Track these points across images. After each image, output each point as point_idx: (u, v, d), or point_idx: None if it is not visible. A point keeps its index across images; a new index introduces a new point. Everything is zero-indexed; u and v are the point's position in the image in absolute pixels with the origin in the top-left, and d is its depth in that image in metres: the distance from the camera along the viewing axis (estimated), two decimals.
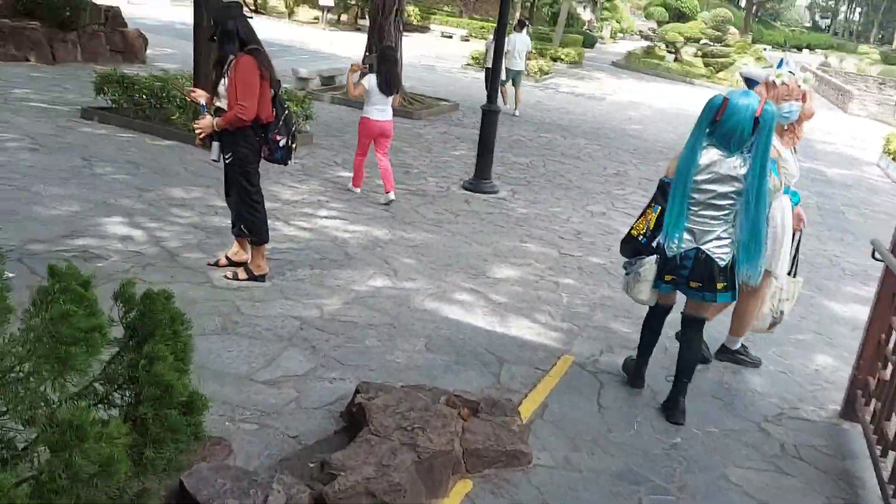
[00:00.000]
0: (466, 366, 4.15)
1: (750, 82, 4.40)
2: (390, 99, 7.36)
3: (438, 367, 4.08)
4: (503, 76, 13.72)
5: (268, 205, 5.09)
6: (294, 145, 4.69)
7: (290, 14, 29.80)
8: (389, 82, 7.21)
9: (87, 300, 1.80)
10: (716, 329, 4.86)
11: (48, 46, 12.79)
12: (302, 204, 6.91)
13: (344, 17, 30.71)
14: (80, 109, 9.01)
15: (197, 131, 4.57)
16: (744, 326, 4.74)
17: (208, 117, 4.52)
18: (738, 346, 4.86)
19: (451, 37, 32.32)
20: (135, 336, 1.97)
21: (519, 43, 14.48)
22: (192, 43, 9.04)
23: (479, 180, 8.67)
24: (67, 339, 1.60)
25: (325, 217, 6.61)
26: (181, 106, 8.54)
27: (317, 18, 29.57)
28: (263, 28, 23.57)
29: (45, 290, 1.88)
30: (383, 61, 7.28)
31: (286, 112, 4.61)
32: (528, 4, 33.29)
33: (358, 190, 7.62)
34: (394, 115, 7.66)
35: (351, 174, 7.79)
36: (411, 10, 32.54)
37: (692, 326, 3.90)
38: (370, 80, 7.17)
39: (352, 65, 7.65)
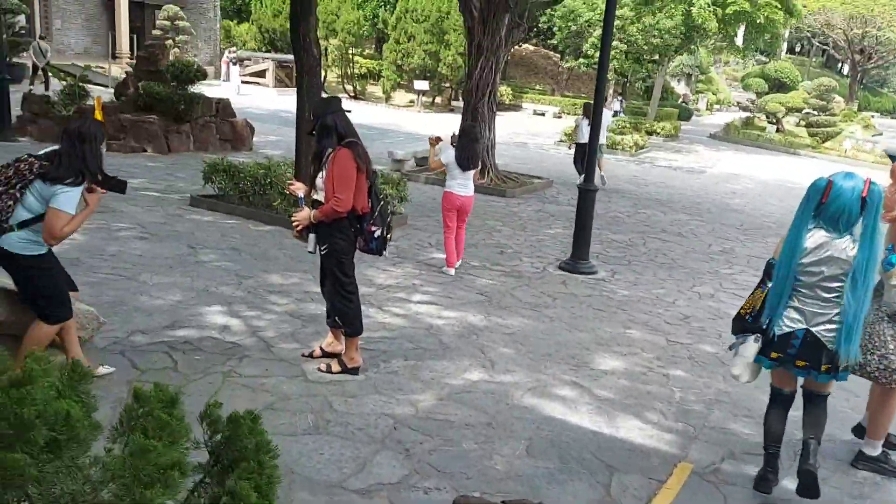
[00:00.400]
0: (572, 475, 3.81)
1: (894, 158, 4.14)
2: (470, 174, 7.50)
3: (541, 475, 3.77)
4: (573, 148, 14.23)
5: (362, 290, 5.01)
6: (389, 236, 4.64)
7: (387, 99, 30.94)
8: (469, 158, 7.37)
9: (169, 427, 1.67)
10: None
11: (164, 138, 13.63)
12: (396, 288, 6.83)
13: (438, 100, 31.60)
14: (189, 197, 9.42)
15: (294, 223, 4.58)
16: (882, 427, 4.21)
17: (306, 210, 4.53)
18: (878, 451, 4.30)
19: (543, 114, 32.62)
20: (218, 463, 1.82)
21: (604, 117, 14.60)
22: (294, 130, 9.38)
23: (577, 260, 8.39)
24: (144, 479, 1.47)
25: (420, 302, 6.48)
26: (282, 192, 8.78)
27: (412, 102, 30.57)
28: (362, 113, 24.57)
29: (128, 411, 1.77)
30: (463, 137, 7.52)
31: (381, 203, 4.59)
32: (621, 80, 33.31)
33: (452, 271, 7.62)
34: (487, 193, 7.61)
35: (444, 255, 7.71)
36: (503, 90, 33.17)
37: (813, 401, 3.79)
38: (449, 155, 7.39)
39: (430, 138, 7.87)
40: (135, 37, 26.46)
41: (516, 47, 35.69)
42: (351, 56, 30.60)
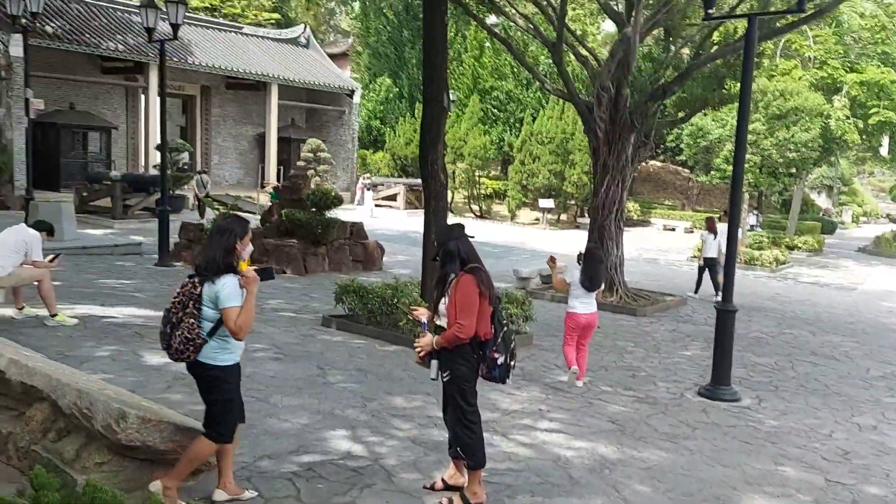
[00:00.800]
0: None
1: None
2: (594, 294, 7.67)
3: None
4: (722, 260, 13.85)
5: (485, 415, 4.84)
6: (513, 363, 4.49)
7: (513, 217, 31.45)
8: (592, 278, 7.55)
9: None
10: None
11: (302, 260, 14.37)
12: (521, 414, 6.58)
13: (563, 217, 31.75)
14: (321, 317, 9.74)
15: (417, 349, 4.55)
16: None
17: (428, 335, 4.50)
18: None
19: (673, 229, 31.93)
20: None
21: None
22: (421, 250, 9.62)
23: (718, 386, 7.81)
24: None
25: (547, 430, 6.18)
26: (406, 313, 8.90)
27: (537, 219, 30.87)
28: (487, 231, 25.02)
29: None
30: (588, 259, 7.68)
31: (504, 329, 4.49)
32: (756, 193, 32.22)
33: (580, 383, 7.69)
34: (617, 311, 7.46)
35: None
36: (631, 206, 32.92)
37: None
38: (574, 276, 7.61)
39: (548, 260, 7.99)
40: (281, 168, 28.70)
41: (643, 164, 35.65)
42: (477, 178, 31.62)
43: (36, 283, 7.95)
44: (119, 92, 25.56)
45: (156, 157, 24.87)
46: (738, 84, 8.95)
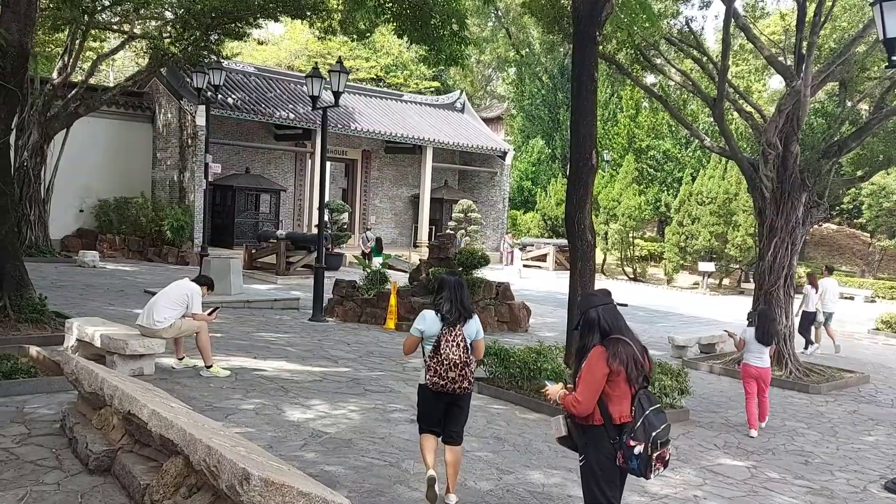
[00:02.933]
0: None
1: None
2: (767, 349, 8.57)
3: None
4: (820, 317, 15.16)
5: (632, 499, 4.34)
6: (656, 454, 3.88)
7: (669, 280, 30.02)
8: (766, 333, 8.45)
9: None
10: None
11: None
12: (674, 500, 5.95)
13: (726, 281, 29.87)
14: None
15: (545, 393, 4.44)
16: None
17: (558, 386, 4.29)
18: None
19: (851, 298, 29.03)
20: None
21: (832, 286, 15.88)
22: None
23: None
24: None
25: None
26: (550, 377, 8.49)
27: (696, 284, 29.25)
28: (642, 295, 23.97)
29: None
30: (761, 317, 8.69)
31: (646, 413, 3.94)
32: None
33: (755, 433, 8.43)
34: (786, 387, 7.22)
35: (738, 462, 6.67)
36: (801, 272, 30.46)
37: None
38: (749, 333, 8.60)
39: (726, 331, 9.40)
40: (433, 228, 29.37)
41: (816, 227, 32.98)
42: (631, 239, 30.60)
43: (195, 334, 8.39)
44: (289, 157, 27.45)
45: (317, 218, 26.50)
46: None
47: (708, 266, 28.15)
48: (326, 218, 25.41)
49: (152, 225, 22.09)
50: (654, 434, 3.87)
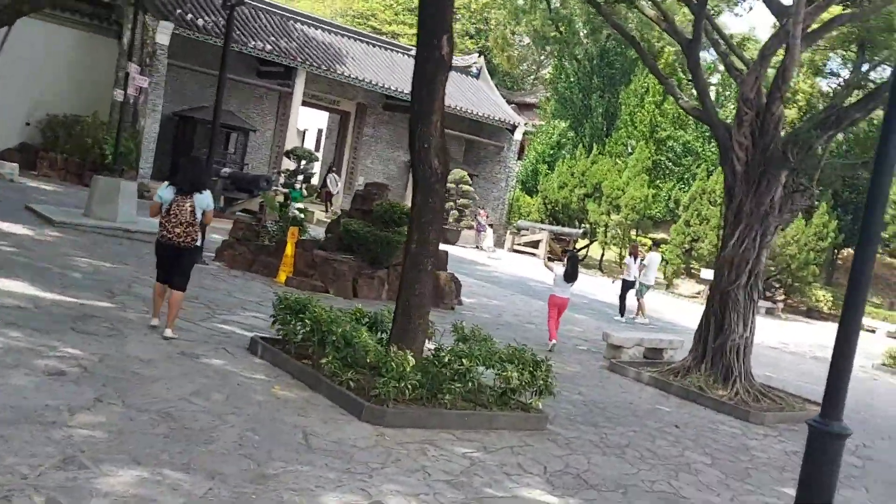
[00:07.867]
0: None
1: None
2: (569, 285, 10.76)
3: None
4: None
5: None
6: None
7: (669, 285, 27.13)
8: (572, 275, 10.66)
9: None
10: None
11: (352, 281, 12.08)
12: None
13: None
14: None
15: None
16: None
17: None
18: None
19: (873, 331, 25.85)
20: None
21: (655, 260, 17.06)
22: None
23: None
24: None
25: None
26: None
27: (699, 293, 26.29)
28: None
29: None
30: (571, 260, 10.85)
31: None
32: None
33: (554, 342, 10.45)
34: (721, 411, 5.29)
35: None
36: (822, 296, 27.39)
37: None
38: (559, 271, 10.82)
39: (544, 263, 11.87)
40: None
41: (842, 252, 29.68)
42: (632, 235, 27.66)
43: None
44: (272, 99, 25.31)
45: (283, 162, 24.42)
46: None
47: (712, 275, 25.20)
48: (293, 166, 23.39)
49: (96, 148, 20.23)
50: None
